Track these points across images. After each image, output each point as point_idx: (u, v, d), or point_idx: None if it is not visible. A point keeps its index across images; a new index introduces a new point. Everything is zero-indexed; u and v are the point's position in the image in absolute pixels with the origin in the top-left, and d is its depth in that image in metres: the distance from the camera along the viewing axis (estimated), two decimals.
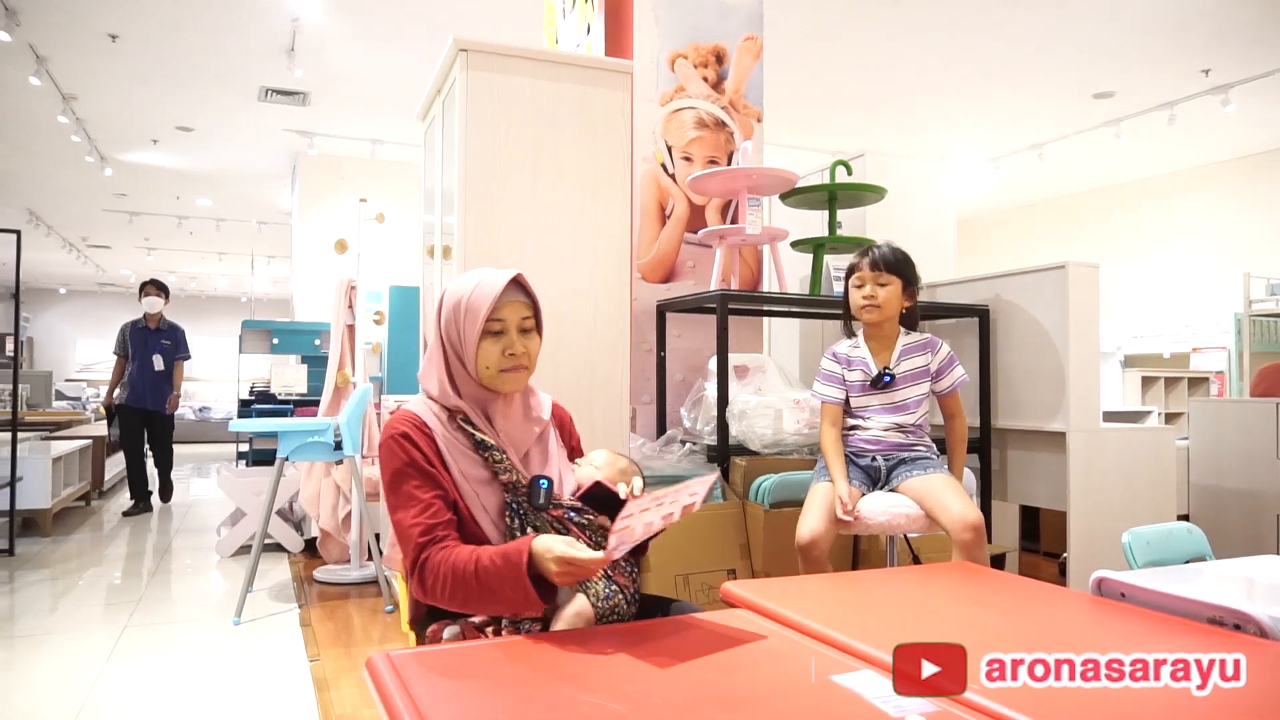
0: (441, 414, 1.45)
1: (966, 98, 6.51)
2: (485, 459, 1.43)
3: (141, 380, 6.04)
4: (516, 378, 1.46)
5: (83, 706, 2.43)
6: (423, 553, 1.33)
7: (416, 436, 1.41)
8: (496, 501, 1.43)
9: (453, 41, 2.44)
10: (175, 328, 6.38)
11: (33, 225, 10.95)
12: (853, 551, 2.73)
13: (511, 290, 1.46)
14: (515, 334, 1.44)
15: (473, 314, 1.43)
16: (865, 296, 2.34)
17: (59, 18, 5.21)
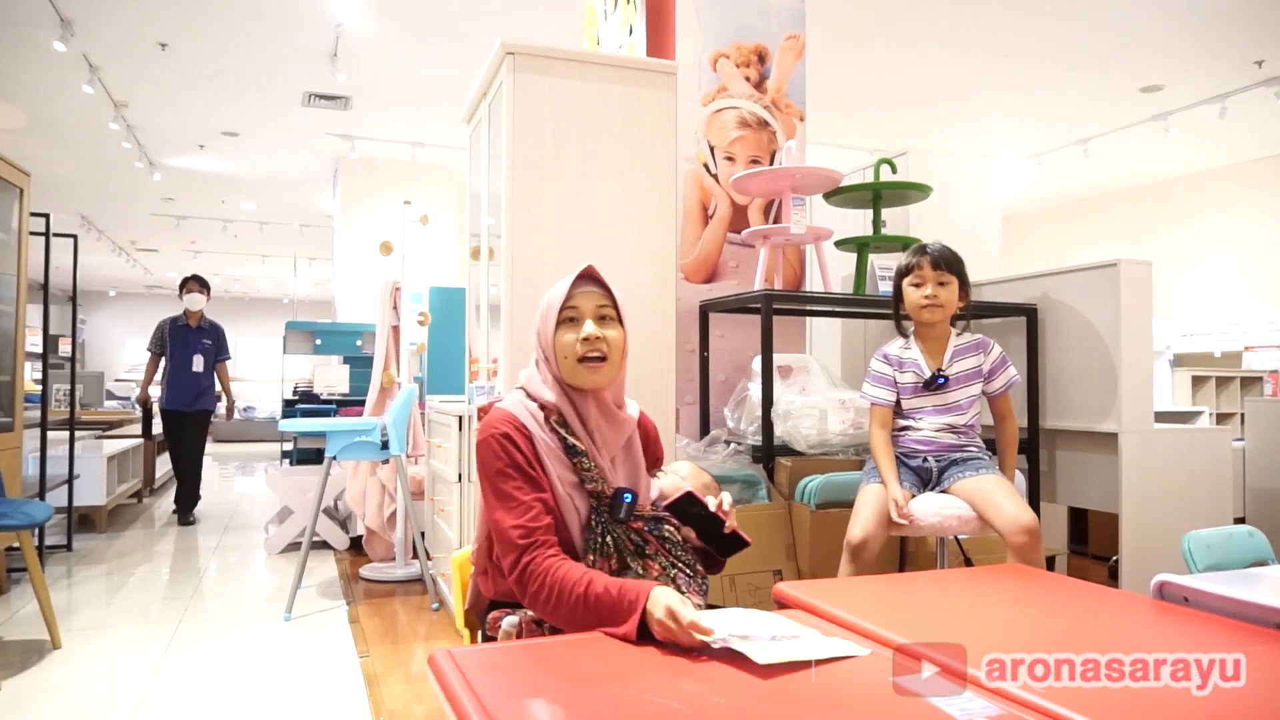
0: (538, 414, 1.45)
1: (1009, 93, 6.42)
2: (575, 465, 1.43)
3: (179, 380, 5.74)
4: (595, 372, 1.43)
5: (143, 699, 2.49)
6: (524, 556, 1.33)
7: (517, 437, 1.41)
8: (584, 508, 1.43)
9: (500, 45, 2.47)
10: (216, 327, 6.06)
11: (85, 229, 11.24)
12: (899, 553, 2.70)
13: (587, 282, 1.48)
14: (591, 321, 1.44)
15: (550, 307, 1.47)
16: (927, 296, 2.30)
17: (111, 28, 5.35)
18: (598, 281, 1.50)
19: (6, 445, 3.53)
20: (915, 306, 2.34)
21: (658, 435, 1.66)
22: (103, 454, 5.13)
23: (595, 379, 1.44)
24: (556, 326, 1.45)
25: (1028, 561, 2.00)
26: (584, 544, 1.42)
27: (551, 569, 1.32)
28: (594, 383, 1.45)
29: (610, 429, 1.49)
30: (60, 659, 2.84)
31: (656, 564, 1.44)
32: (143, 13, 5.15)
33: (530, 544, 1.34)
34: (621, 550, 1.43)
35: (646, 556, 1.44)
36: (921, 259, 2.33)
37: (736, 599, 2.55)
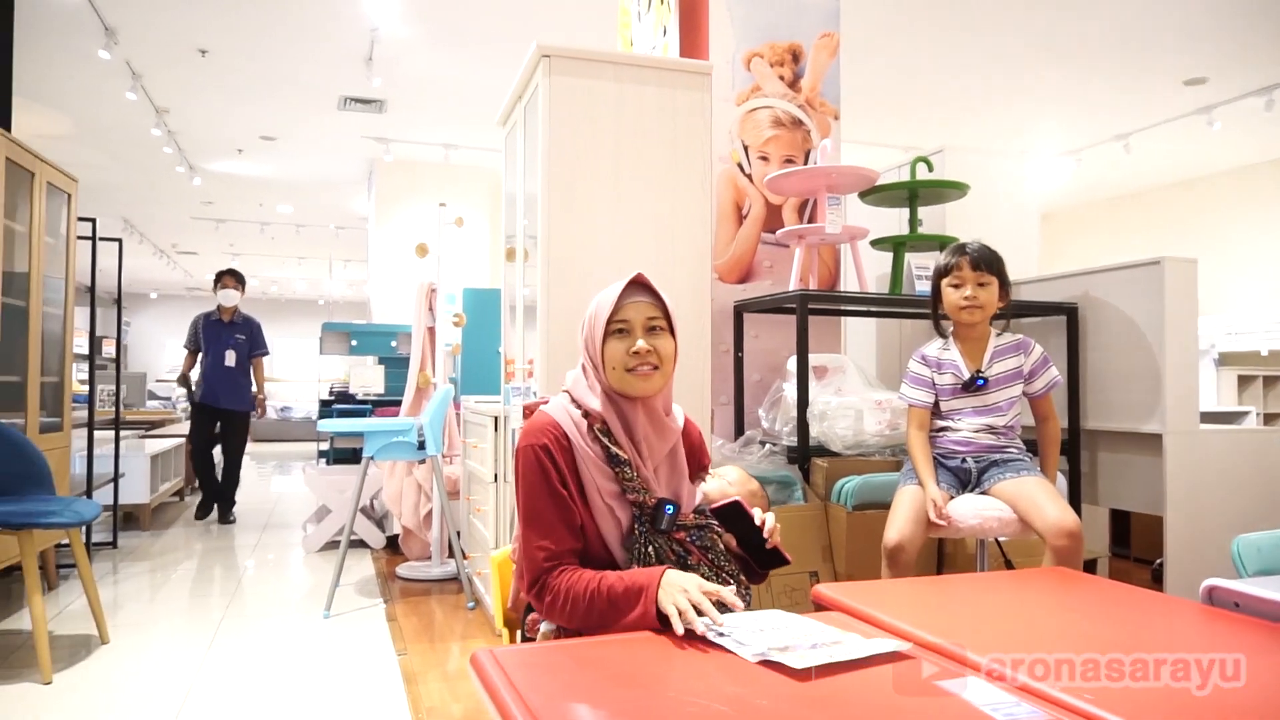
0: (581, 422, 1.44)
1: (1048, 88, 6.32)
2: (617, 474, 1.42)
3: (214, 376, 5.68)
4: (645, 380, 1.42)
5: (188, 693, 2.54)
6: (544, 576, 1.36)
7: (555, 450, 1.40)
8: (625, 517, 1.43)
9: (535, 48, 2.48)
10: (250, 321, 5.96)
11: (128, 233, 11.48)
12: (938, 555, 2.68)
13: (634, 290, 1.45)
14: (641, 332, 1.43)
15: (598, 317, 1.45)
16: (967, 297, 2.27)
17: (153, 35, 5.46)
18: (648, 290, 1.47)
19: (55, 444, 3.62)
20: (954, 308, 2.31)
21: (703, 441, 1.65)
22: (146, 453, 5.23)
23: (646, 386, 1.43)
24: (605, 337, 1.43)
25: (1068, 565, 1.97)
26: (626, 554, 1.42)
27: (566, 578, 1.35)
28: (644, 390, 1.43)
29: (657, 437, 1.48)
30: (108, 653, 2.90)
31: (699, 574, 1.42)
32: (184, 20, 5.25)
33: (552, 567, 1.37)
34: (664, 560, 1.43)
35: (689, 567, 1.44)
36: (960, 259, 2.30)
37: (773, 600, 2.54)
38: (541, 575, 1.37)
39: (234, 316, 5.88)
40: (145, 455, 5.19)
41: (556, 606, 1.35)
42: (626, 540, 1.43)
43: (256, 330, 5.95)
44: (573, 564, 1.39)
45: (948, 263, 2.33)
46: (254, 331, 5.93)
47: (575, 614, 1.33)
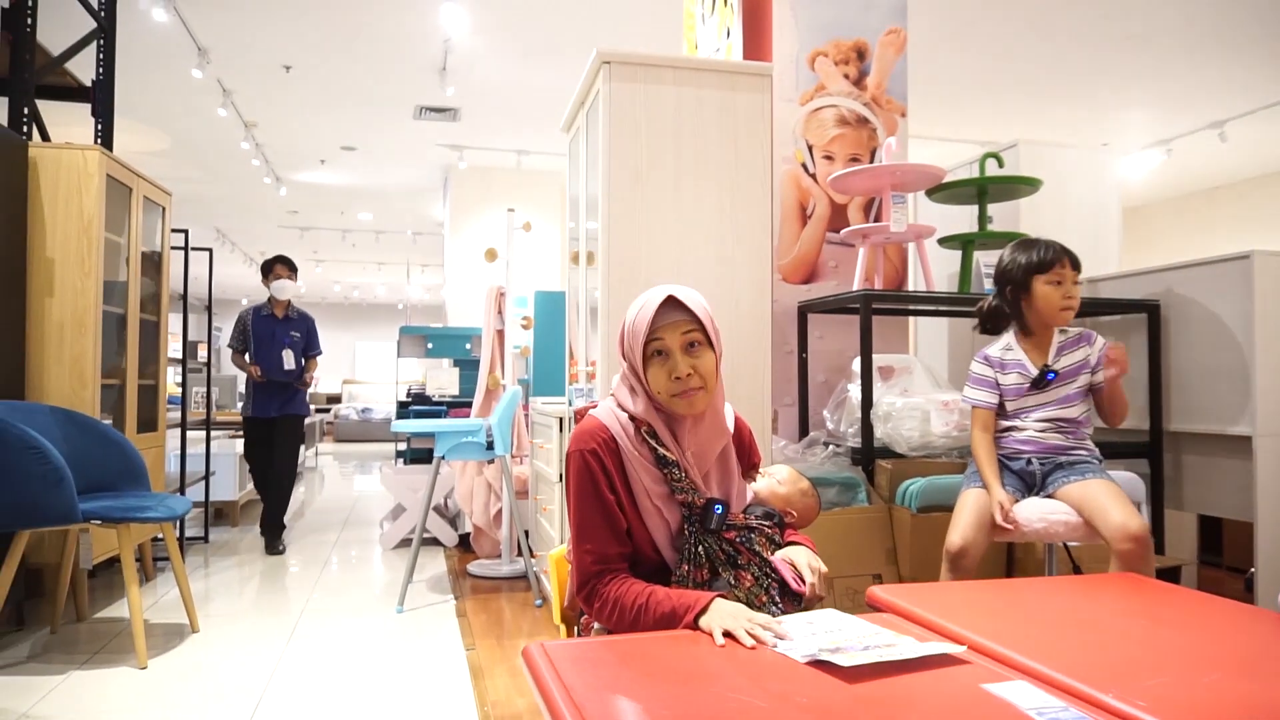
0: (629, 425, 1.44)
1: (1135, 77, 6.08)
2: (665, 475, 1.43)
3: (269, 382, 4.86)
4: (690, 401, 1.41)
5: (269, 682, 2.66)
6: (593, 580, 1.39)
7: (604, 454, 1.41)
8: (674, 518, 1.44)
9: (596, 55, 2.52)
10: (306, 317, 5.11)
11: (220, 242, 12.04)
12: (1006, 559, 2.61)
13: (668, 310, 1.41)
14: (680, 355, 1.39)
15: (634, 339, 1.42)
16: (1067, 296, 2.23)
17: (241, 53, 5.72)
18: (680, 307, 1.42)
19: (151, 444, 3.83)
20: (1053, 307, 2.24)
21: (753, 440, 1.66)
22: (235, 452, 5.48)
23: (693, 408, 1.42)
24: (645, 361, 1.41)
25: (1136, 570, 1.90)
26: (675, 554, 1.44)
27: (616, 587, 1.37)
28: (691, 411, 1.43)
29: (706, 444, 1.48)
30: (198, 642, 3.06)
31: (749, 574, 1.44)
32: (269, 38, 5.49)
33: (601, 571, 1.39)
34: (714, 560, 1.43)
35: (739, 567, 1.44)
36: (1064, 258, 2.25)
37: (835, 601, 2.53)
38: (590, 580, 1.40)
39: (289, 311, 5.01)
40: (235, 454, 5.43)
41: (605, 613, 1.38)
42: (676, 540, 1.45)
43: (312, 326, 5.17)
44: (621, 569, 1.41)
45: (1045, 259, 2.24)
46: (310, 328, 5.13)
47: (622, 624, 1.36)
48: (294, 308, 5.10)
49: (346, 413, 14.36)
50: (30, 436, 2.62)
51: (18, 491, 2.62)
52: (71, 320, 3.22)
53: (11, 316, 3.13)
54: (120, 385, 3.60)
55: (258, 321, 4.95)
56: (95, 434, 3.08)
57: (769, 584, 1.44)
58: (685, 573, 1.42)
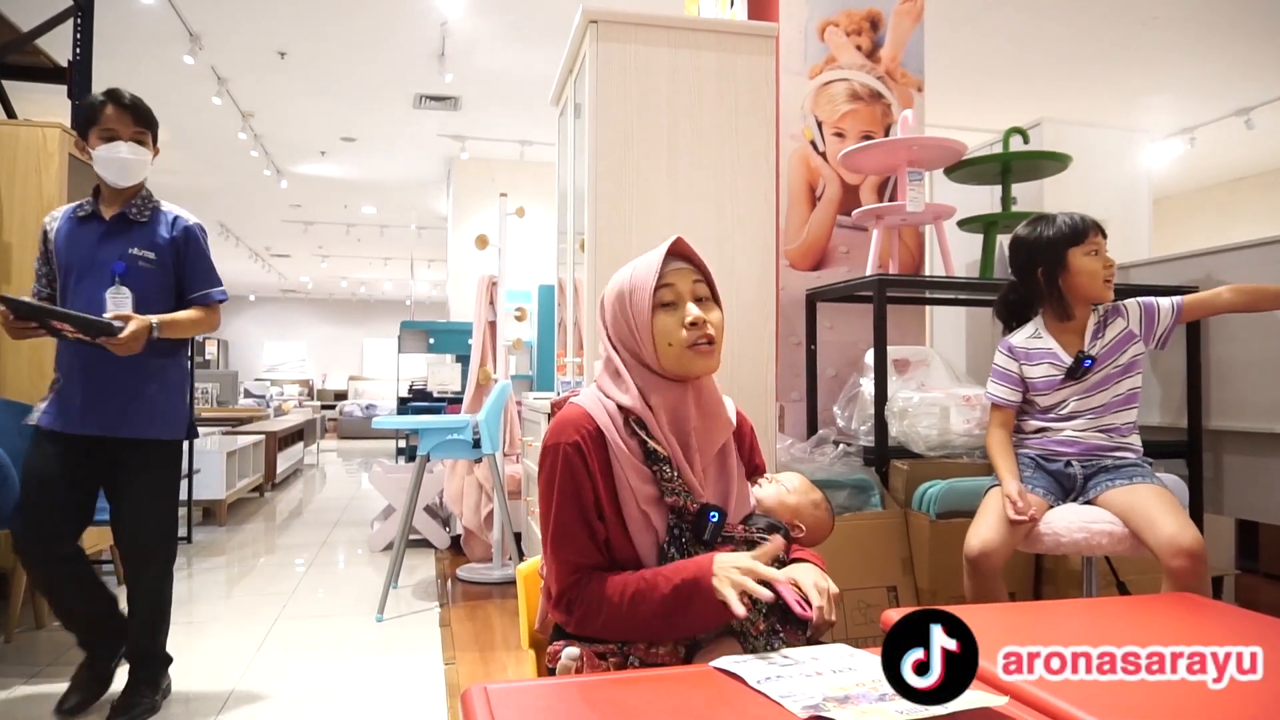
0: (617, 415, 1.26)
1: (1157, 61, 5.81)
2: (655, 473, 1.24)
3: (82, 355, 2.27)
4: (707, 357, 1.25)
5: (226, 701, 2.46)
6: (570, 591, 1.21)
7: (587, 447, 1.23)
8: (662, 523, 1.24)
9: (582, 13, 2.31)
10: (180, 224, 2.45)
11: (224, 237, 11.89)
12: (1034, 571, 2.38)
13: (676, 259, 1.29)
14: (690, 301, 1.26)
15: (639, 291, 1.25)
16: (1108, 265, 2.01)
17: (234, 39, 5.53)
18: (688, 257, 1.30)
19: None
20: (1097, 280, 2.01)
21: (755, 439, 1.45)
22: (223, 450, 5.30)
23: (707, 364, 1.26)
24: (652, 314, 1.24)
25: (1188, 590, 1.66)
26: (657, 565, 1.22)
27: (598, 586, 1.19)
28: (706, 368, 1.26)
29: (709, 428, 1.30)
30: None
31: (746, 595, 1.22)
32: (262, 22, 5.30)
33: (577, 581, 1.21)
34: None
35: None
36: (1094, 228, 2.04)
37: (845, 617, 2.30)
38: (568, 590, 1.21)
39: (134, 207, 2.39)
40: (222, 452, 5.25)
41: (591, 617, 1.19)
42: (658, 552, 1.23)
43: (197, 245, 2.47)
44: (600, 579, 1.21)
45: (1079, 228, 2.02)
46: (191, 248, 2.45)
47: (615, 621, 1.18)
48: (151, 202, 2.41)
49: (351, 409, 14.23)
50: None
51: None
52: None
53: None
54: None
55: (68, 232, 2.36)
56: None
57: (767, 608, 1.22)
58: None
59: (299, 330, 19.26)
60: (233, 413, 8.55)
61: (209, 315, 2.48)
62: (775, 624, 1.21)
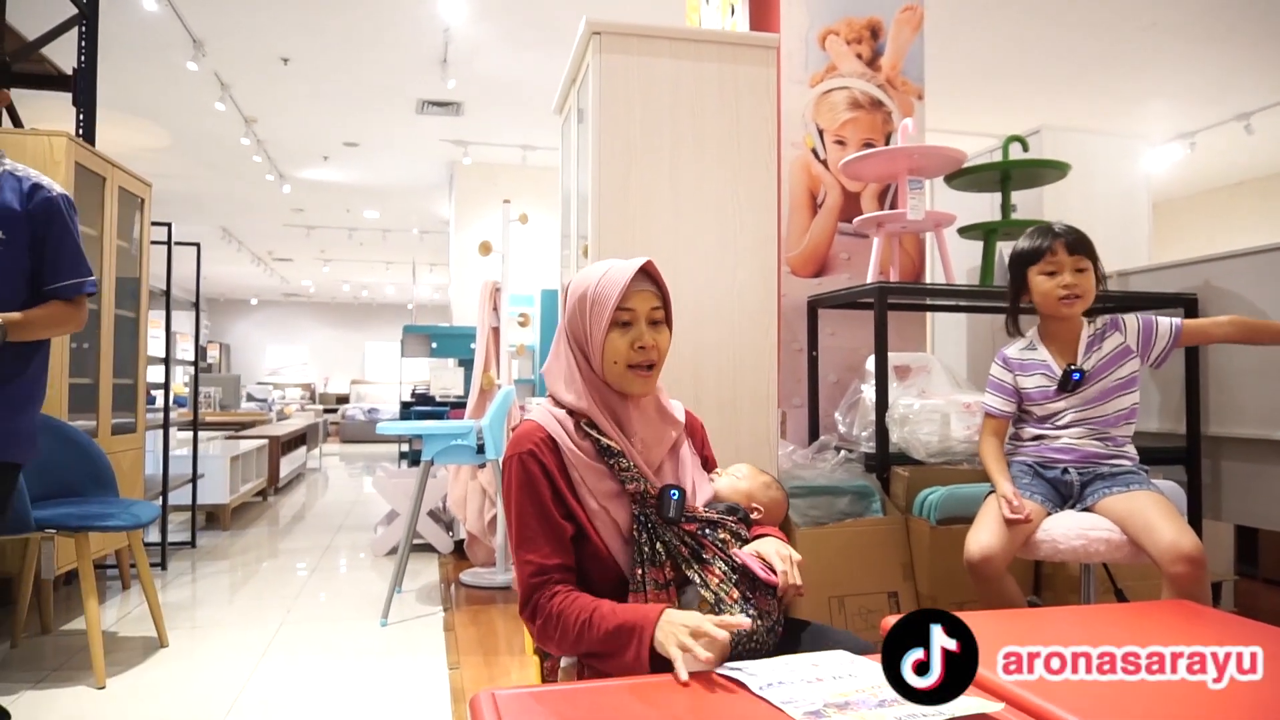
0: (567, 421, 1.33)
1: (1156, 66, 5.83)
2: (611, 467, 1.30)
3: None
4: (645, 380, 1.34)
5: (231, 708, 2.48)
6: (534, 595, 1.25)
7: (542, 454, 1.29)
8: (625, 515, 1.30)
9: (585, 24, 2.33)
10: (37, 196, 1.95)
11: (226, 241, 11.91)
12: (1034, 577, 2.39)
13: (642, 279, 1.33)
14: (644, 325, 1.32)
15: (600, 304, 1.31)
16: (1065, 286, 1.98)
17: (237, 44, 5.56)
18: (652, 279, 1.35)
19: (129, 446, 3.66)
20: (1051, 299, 2.01)
21: (705, 436, 1.53)
22: (226, 454, 5.32)
23: (645, 387, 1.35)
24: (609, 330, 1.31)
25: (1189, 596, 1.68)
26: (629, 557, 1.27)
27: (559, 601, 1.23)
28: (641, 390, 1.35)
29: (653, 433, 1.37)
30: (165, 658, 2.88)
31: (715, 569, 1.27)
32: (264, 27, 5.32)
33: (543, 582, 1.25)
34: (675, 557, 1.28)
35: (704, 561, 1.28)
36: (1054, 242, 2.01)
37: (846, 623, 2.32)
38: (532, 595, 1.26)
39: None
40: (225, 456, 5.26)
41: (547, 632, 1.24)
42: (628, 543, 1.29)
43: (63, 221, 1.99)
44: (565, 581, 1.26)
45: (1035, 246, 2.03)
46: (51, 227, 1.97)
47: (565, 643, 1.22)
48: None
49: (353, 413, 14.23)
50: None
51: None
52: None
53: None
54: (93, 385, 3.43)
55: None
56: (59, 436, 2.90)
57: (737, 578, 1.27)
58: (642, 577, 1.25)
59: (301, 334, 19.29)
60: (235, 417, 8.58)
61: (74, 312, 1.99)
62: (745, 592, 1.25)
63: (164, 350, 4.35)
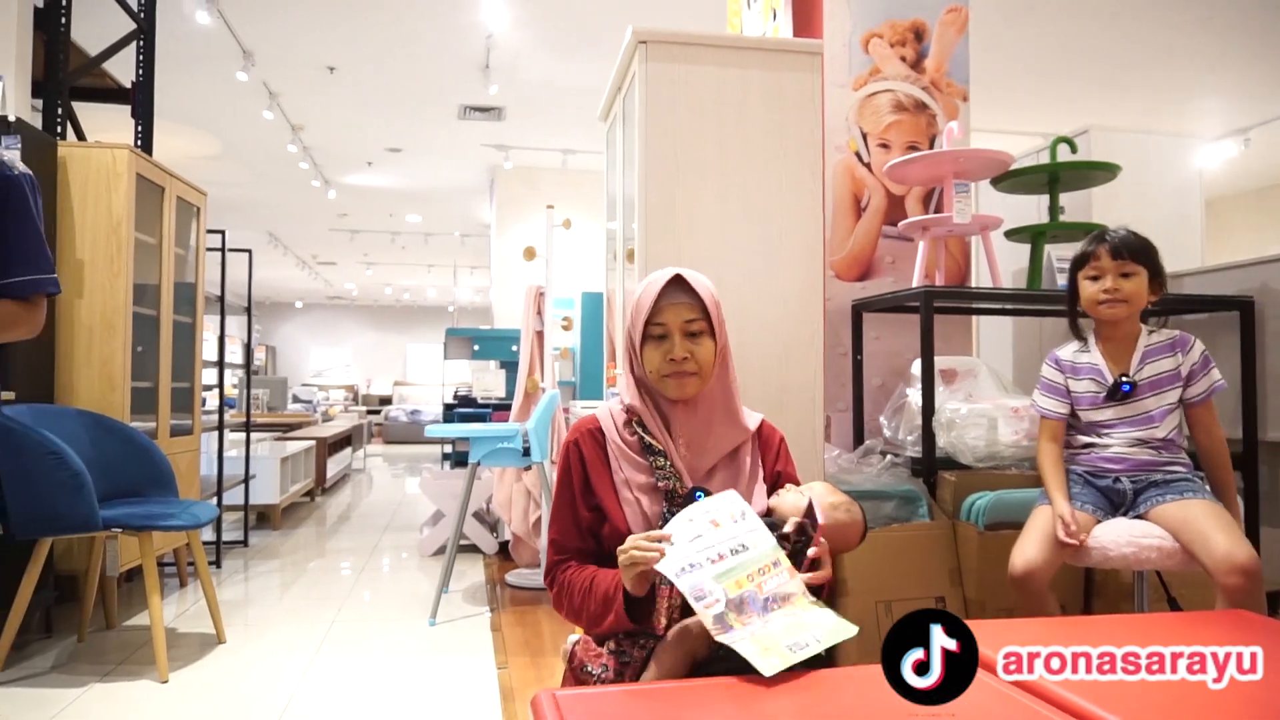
0: (620, 416, 1.43)
1: (1209, 62, 5.71)
2: (651, 464, 1.38)
3: None
4: (680, 384, 1.38)
5: (289, 702, 2.55)
6: (554, 568, 1.40)
7: (585, 444, 1.41)
8: (656, 510, 1.36)
9: (631, 34, 2.36)
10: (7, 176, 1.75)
11: (272, 245, 12.16)
12: (1085, 584, 2.37)
13: (673, 291, 1.38)
14: (678, 337, 1.37)
15: (636, 317, 1.41)
16: (1106, 290, 1.97)
17: (285, 54, 5.69)
18: (687, 290, 1.39)
19: (186, 448, 3.77)
20: (1092, 302, 2.00)
21: (783, 446, 1.51)
22: (277, 455, 5.44)
23: (681, 390, 1.39)
24: (643, 342, 1.39)
25: (1243, 607, 1.65)
26: None
27: (570, 573, 1.36)
28: (679, 394, 1.39)
29: (702, 437, 1.41)
30: (223, 654, 2.97)
31: None
32: (312, 38, 5.44)
33: (560, 560, 1.39)
34: None
35: None
36: (1099, 247, 2.00)
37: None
38: (552, 567, 1.40)
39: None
40: (275, 457, 5.39)
41: (560, 600, 1.37)
42: None
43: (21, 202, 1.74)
44: (576, 560, 1.39)
45: (1084, 251, 2.03)
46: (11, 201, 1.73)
47: (572, 609, 1.34)
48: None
49: (396, 414, 14.43)
50: (50, 442, 2.55)
51: (38, 498, 2.54)
52: (100, 322, 3.16)
53: None
54: (153, 388, 3.54)
55: None
56: (122, 438, 3.01)
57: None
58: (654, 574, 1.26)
59: (344, 336, 19.62)
60: (283, 418, 8.76)
61: (28, 315, 1.69)
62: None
63: (217, 354, 4.46)
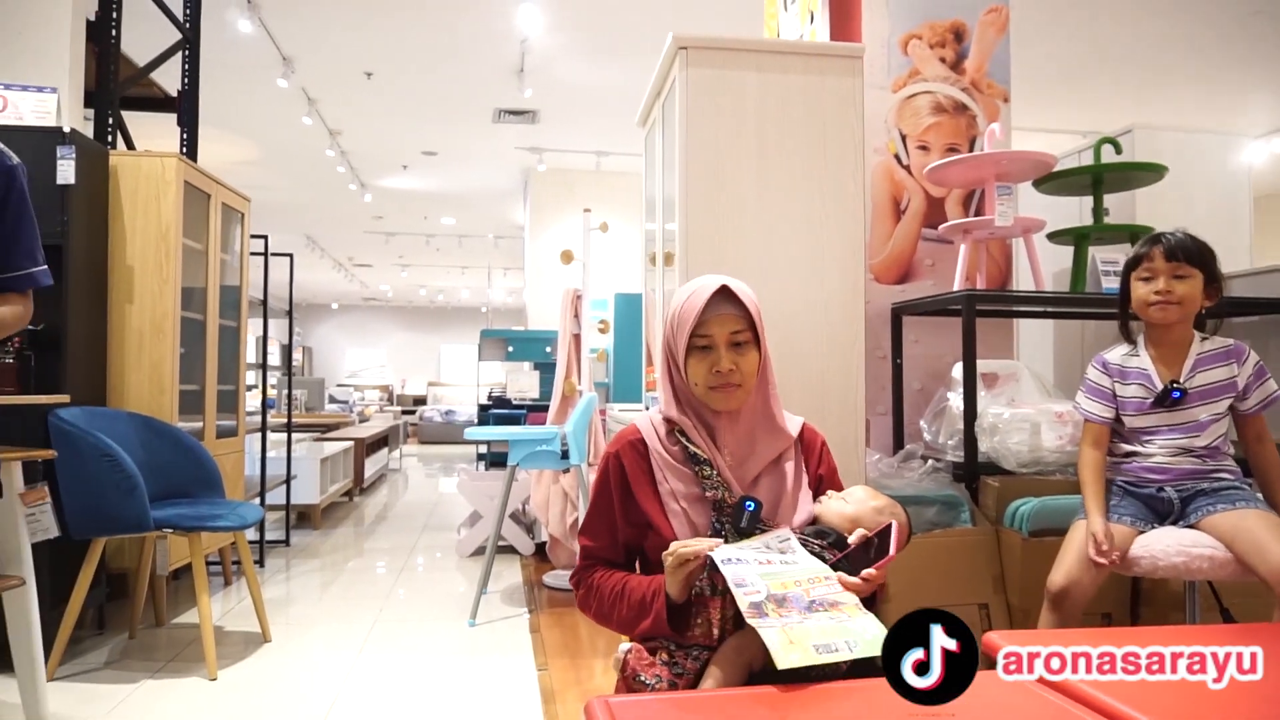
0: (662, 426, 1.41)
1: (1259, 56, 5.58)
2: (696, 474, 1.36)
3: None
4: (726, 396, 1.36)
5: (335, 699, 2.59)
6: (581, 571, 1.42)
7: (626, 456, 1.40)
8: (705, 520, 1.35)
9: (671, 40, 2.37)
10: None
11: (309, 248, 12.34)
12: (1132, 593, 2.33)
13: (718, 303, 1.35)
14: (724, 350, 1.34)
15: (680, 329, 1.37)
16: (1158, 292, 1.93)
17: (324, 61, 5.78)
18: (733, 300, 1.36)
19: (231, 449, 3.85)
20: (1143, 304, 1.96)
21: (825, 449, 1.49)
22: (317, 456, 5.52)
23: (727, 403, 1.37)
24: (688, 354, 1.36)
25: None
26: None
27: (600, 576, 1.38)
28: (725, 406, 1.38)
29: (746, 446, 1.40)
30: (269, 653, 3.02)
31: None
32: (351, 45, 5.52)
33: (590, 565, 1.41)
34: None
35: None
36: (1153, 249, 1.96)
37: None
38: (579, 571, 1.42)
39: None
40: (315, 458, 5.47)
41: (588, 603, 1.38)
42: None
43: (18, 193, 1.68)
44: (603, 569, 1.40)
45: (1138, 253, 2.00)
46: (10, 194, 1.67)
47: (601, 611, 1.36)
48: None
49: (430, 414, 14.57)
50: (104, 444, 2.61)
51: (94, 500, 2.61)
52: (150, 326, 3.24)
53: (93, 323, 3.15)
54: (199, 390, 3.61)
55: None
56: (172, 440, 3.08)
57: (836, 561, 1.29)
58: (704, 582, 1.25)
59: (379, 337, 19.85)
60: (322, 419, 8.89)
61: (28, 307, 1.69)
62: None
63: (260, 356, 4.54)
